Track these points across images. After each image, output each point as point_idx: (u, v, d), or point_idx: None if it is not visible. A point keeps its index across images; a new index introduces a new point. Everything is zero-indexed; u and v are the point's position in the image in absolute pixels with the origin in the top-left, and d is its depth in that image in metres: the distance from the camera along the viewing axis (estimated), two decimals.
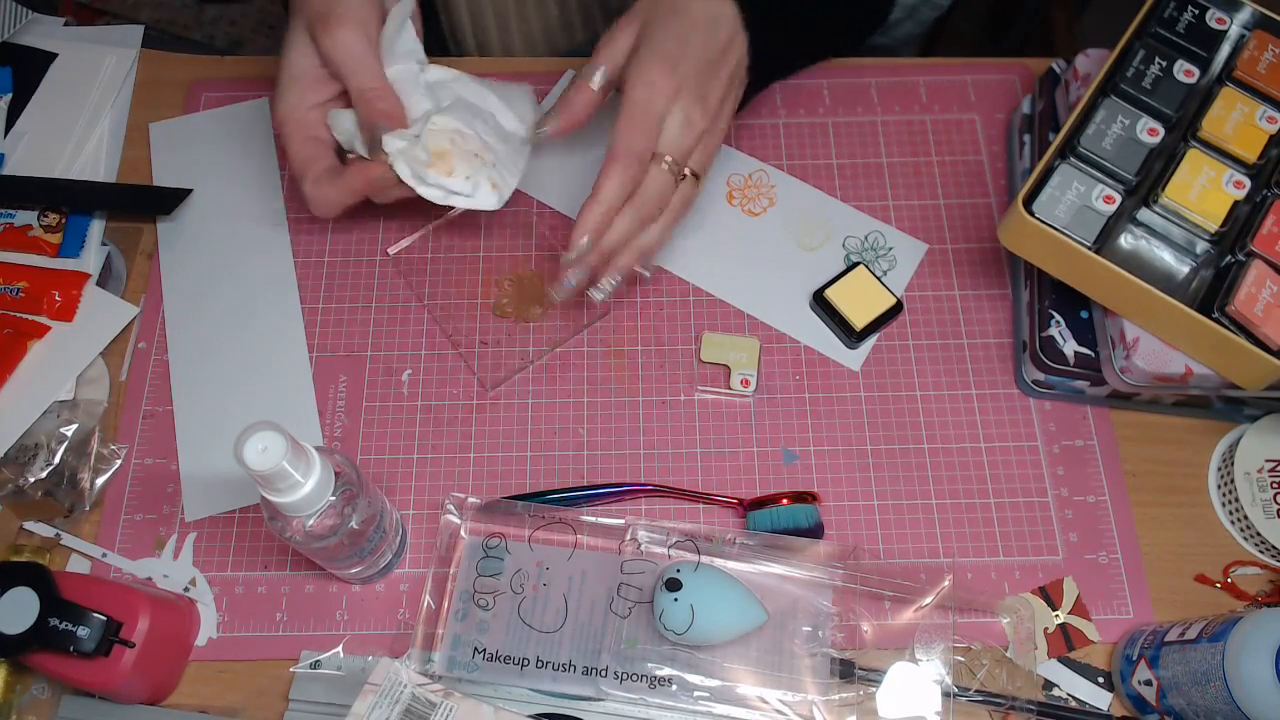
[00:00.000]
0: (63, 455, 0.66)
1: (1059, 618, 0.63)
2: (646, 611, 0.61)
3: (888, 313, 0.70)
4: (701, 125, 0.63)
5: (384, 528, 0.59)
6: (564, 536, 0.64)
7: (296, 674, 0.61)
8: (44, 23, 0.83)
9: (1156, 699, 0.57)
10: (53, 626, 0.55)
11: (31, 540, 0.65)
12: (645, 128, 0.61)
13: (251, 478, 0.49)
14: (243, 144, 0.78)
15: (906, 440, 0.68)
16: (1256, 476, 0.64)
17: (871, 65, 0.80)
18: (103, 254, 0.74)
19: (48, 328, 0.71)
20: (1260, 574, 0.65)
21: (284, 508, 0.52)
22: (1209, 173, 0.63)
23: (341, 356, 0.71)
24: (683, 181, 0.64)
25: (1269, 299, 0.58)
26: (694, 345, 0.70)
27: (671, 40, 0.62)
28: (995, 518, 0.66)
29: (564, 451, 0.68)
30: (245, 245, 0.74)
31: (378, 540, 0.59)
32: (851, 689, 0.60)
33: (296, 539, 0.54)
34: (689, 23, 0.63)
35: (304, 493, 0.51)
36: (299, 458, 0.50)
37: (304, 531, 0.53)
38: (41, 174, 0.76)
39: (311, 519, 0.53)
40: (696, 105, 0.63)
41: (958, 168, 0.77)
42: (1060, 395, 0.69)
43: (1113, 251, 0.61)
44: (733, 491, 0.66)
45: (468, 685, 0.60)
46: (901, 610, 0.62)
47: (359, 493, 0.55)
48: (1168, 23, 0.68)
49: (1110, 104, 0.65)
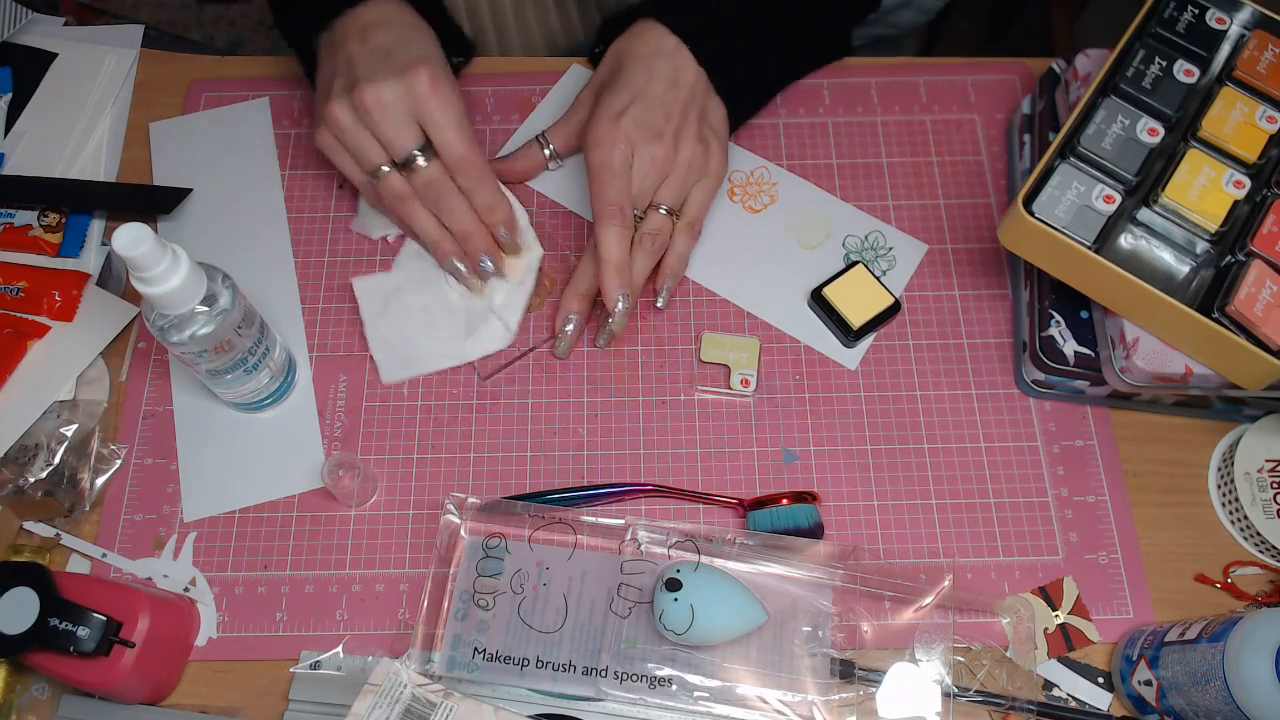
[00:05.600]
0: (63, 455, 0.66)
1: (1059, 618, 0.63)
2: (646, 611, 0.61)
3: (885, 312, 0.70)
4: (663, 157, 0.67)
5: (265, 344, 0.64)
6: (564, 536, 0.64)
7: (296, 674, 0.61)
8: (44, 23, 0.83)
9: (1156, 699, 0.57)
10: (53, 626, 0.55)
11: (31, 540, 0.65)
12: (611, 181, 0.65)
13: (126, 263, 0.55)
14: (243, 144, 0.78)
15: (907, 440, 0.68)
16: (1256, 476, 0.64)
17: (871, 65, 0.80)
18: (103, 254, 0.74)
19: (48, 328, 0.71)
20: (1260, 574, 0.65)
21: (154, 300, 0.56)
22: (1209, 173, 0.63)
23: (341, 356, 0.71)
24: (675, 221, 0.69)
25: (1269, 299, 0.58)
26: (694, 345, 0.70)
27: (614, 93, 0.67)
28: (995, 518, 0.66)
29: (564, 451, 0.68)
30: (245, 245, 0.74)
31: (259, 355, 0.63)
32: (851, 689, 0.60)
33: (184, 345, 0.59)
34: (630, 71, 0.68)
35: (172, 286, 0.56)
36: (164, 253, 0.55)
37: (191, 336, 0.58)
38: (41, 174, 0.76)
39: (201, 328, 0.58)
40: (652, 141, 0.66)
41: (958, 168, 0.77)
42: (1060, 395, 0.69)
43: (1113, 251, 0.61)
44: (733, 491, 0.66)
45: (468, 685, 0.60)
46: (901, 610, 0.62)
47: (229, 296, 0.59)
48: (1168, 23, 0.68)
49: (1110, 104, 0.65)
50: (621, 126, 0.65)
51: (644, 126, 0.66)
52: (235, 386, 0.64)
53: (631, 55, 0.68)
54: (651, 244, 0.67)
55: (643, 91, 0.67)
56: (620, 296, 0.65)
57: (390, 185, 0.66)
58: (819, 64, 0.79)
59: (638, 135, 0.66)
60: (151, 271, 0.55)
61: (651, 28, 0.69)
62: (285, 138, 0.78)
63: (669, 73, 0.68)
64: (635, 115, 0.66)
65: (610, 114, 0.66)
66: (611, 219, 0.65)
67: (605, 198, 0.65)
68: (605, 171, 0.65)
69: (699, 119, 0.69)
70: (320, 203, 0.76)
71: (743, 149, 0.77)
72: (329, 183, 0.76)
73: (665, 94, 0.67)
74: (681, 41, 0.68)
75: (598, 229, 0.65)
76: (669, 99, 0.67)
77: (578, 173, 0.76)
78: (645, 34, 0.69)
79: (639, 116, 0.66)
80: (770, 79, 0.77)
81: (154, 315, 0.58)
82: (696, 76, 0.68)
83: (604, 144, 0.65)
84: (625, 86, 0.67)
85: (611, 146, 0.65)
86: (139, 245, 0.53)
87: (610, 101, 0.67)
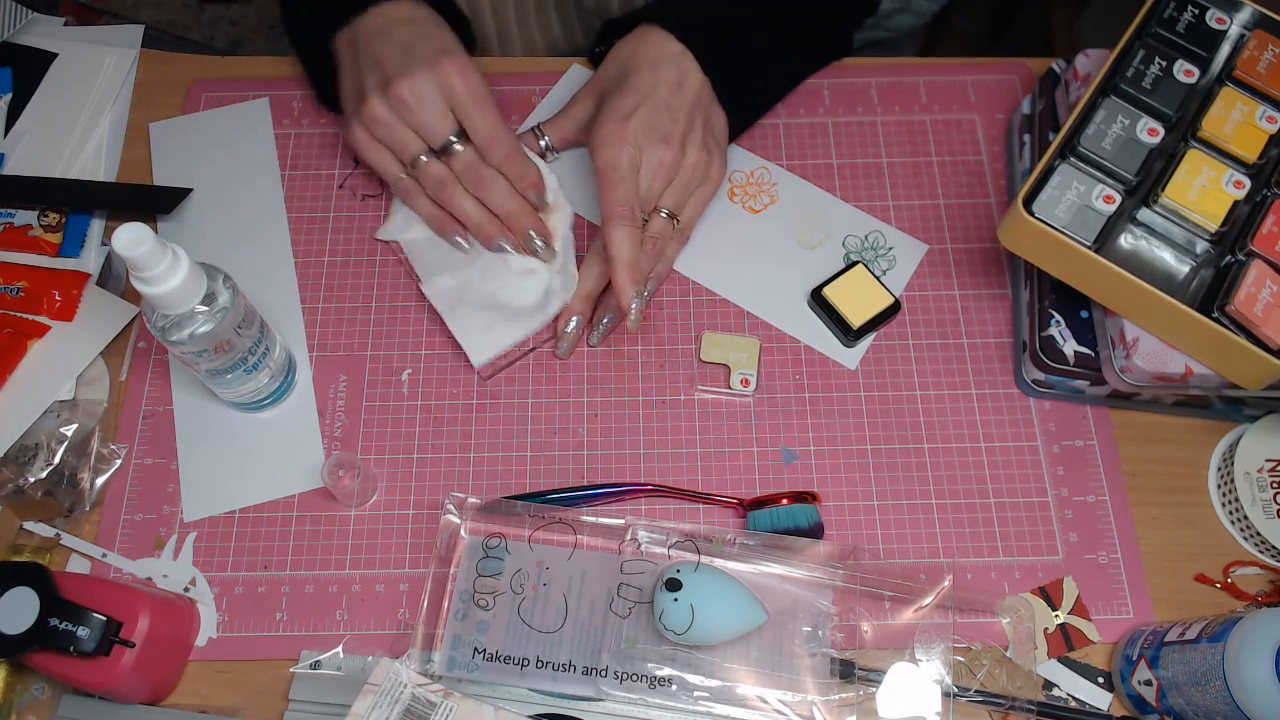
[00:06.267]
0: (63, 455, 0.66)
1: (1059, 618, 0.63)
2: (646, 611, 0.61)
3: (885, 312, 0.70)
4: (670, 161, 0.67)
5: (265, 344, 0.64)
6: (564, 536, 0.64)
7: (296, 674, 0.61)
8: (44, 23, 0.83)
9: (1156, 699, 0.57)
10: (53, 626, 0.55)
11: (31, 540, 0.65)
12: (620, 181, 0.65)
13: (126, 263, 0.55)
14: (243, 144, 0.78)
15: (907, 440, 0.68)
16: (1256, 476, 0.64)
17: (871, 65, 0.80)
18: (103, 254, 0.74)
19: (48, 328, 0.71)
20: (1260, 574, 0.65)
21: (154, 300, 0.56)
22: (1209, 173, 0.63)
23: (341, 356, 0.71)
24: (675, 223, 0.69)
25: (1269, 299, 0.58)
26: (694, 345, 0.70)
27: (621, 96, 0.67)
28: (995, 518, 0.66)
29: (564, 451, 0.68)
30: (245, 245, 0.74)
31: (259, 355, 0.63)
32: (851, 689, 0.60)
33: (184, 344, 0.59)
34: (636, 75, 0.68)
35: (172, 286, 0.56)
36: (164, 253, 0.55)
37: (191, 336, 0.58)
38: (41, 174, 0.76)
39: (201, 328, 0.58)
40: (659, 145, 0.66)
41: (958, 168, 0.77)
42: (1060, 395, 0.69)
43: (1113, 251, 0.61)
44: (733, 491, 0.66)
45: (468, 685, 0.60)
46: (901, 610, 0.62)
47: (228, 296, 0.59)
48: (1168, 23, 0.68)
49: (1110, 104, 0.65)
50: (629, 128, 0.65)
51: (651, 130, 0.66)
52: (235, 386, 0.64)
53: (637, 60, 0.69)
54: (653, 247, 0.67)
55: (650, 95, 0.67)
56: (635, 295, 0.65)
57: (432, 171, 0.68)
58: (819, 67, 0.79)
59: (645, 138, 0.66)
60: (151, 271, 0.55)
61: (655, 33, 0.69)
62: (285, 138, 0.78)
63: (675, 77, 0.68)
64: (642, 118, 0.66)
65: (618, 115, 0.66)
66: (622, 219, 0.65)
67: (615, 198, 0.65)
68: (614, 171, 0.65)
69: (704, 126, 0.69)
70: (320, 203, 0.76)
71: (743, 149, 0.77)
72: (329, 183, 0.76)
73: (671, 98, 0.67)
74: (686, 49, 0.68)
75: (608, 229, 0.65)
76: (675, 104, 0.67)
77: (577, 171, 0.76)
78: (649, 39, 0.69)
79: (646, 119, 0.66)
80: (771, 88, 0.77)
81: (154, 315, 0.58)
82: (701, 84, 0.69)
83: (611, 144, 0.65)
84: (632, 89, 0.67)
85: (620, 147, 0.65)
86: (139, 245, 0.53)
87: (617, 103, 0.67)
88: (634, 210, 0.65)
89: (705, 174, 0.69)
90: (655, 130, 0.66)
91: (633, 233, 0.65)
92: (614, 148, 0.65)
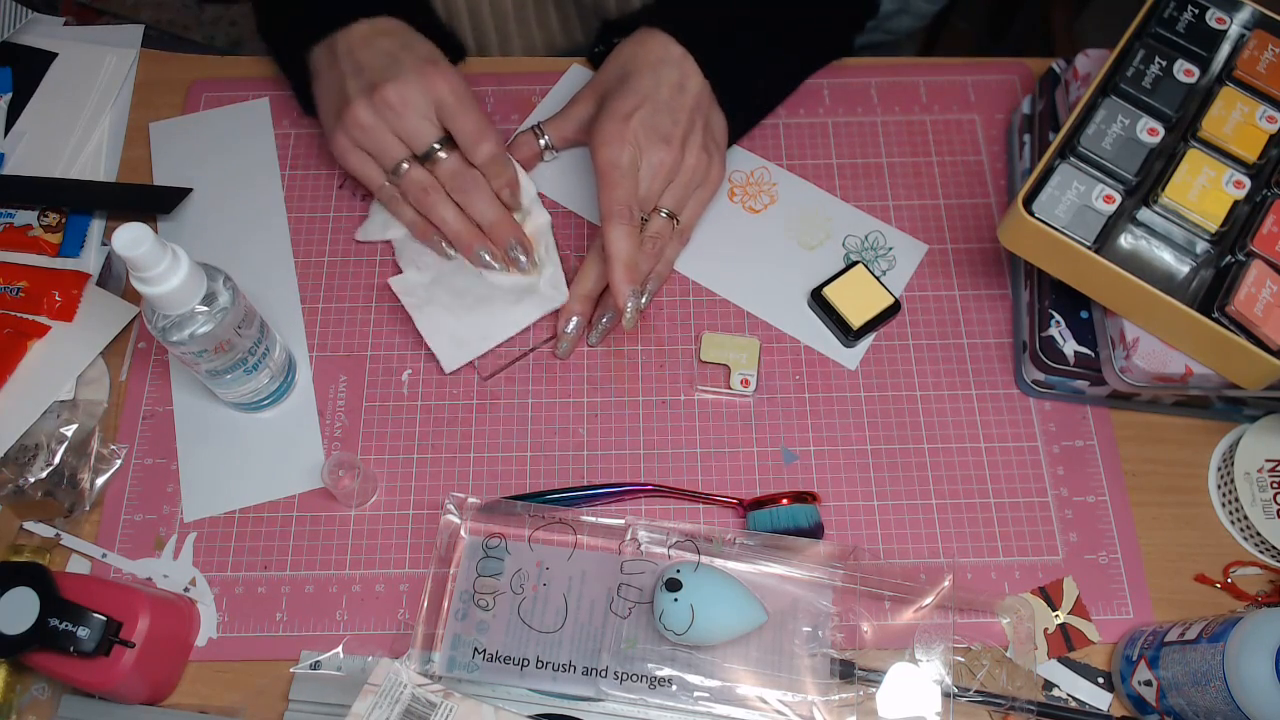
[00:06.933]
0: (63, 455, 0.66)
1: (1059, 618, 0.63)
2: (646, 611, 0.61)
3: (885, 312, 0.70)
4: (670, 162, 0.67)
5: (265, 344, 0.64)
6: (564, 536, 0.64)
7: (296, 674, 0.61)
8: (44, 23, 0.83)
9: (1156, 699, 0.57)
10: (53, 626, 0.55)
11: (31, 540, 0.65)
12: (620, 181, 0.65)
13: (126, 263, 0.55)
14: (243, 144, 0.78)
15: (907, 440, 0.68)
16: (1256, 476, 0.64)
17: (871, 65, 0.80)
18: (103, 254, 0.74)
19: (48, 328, 0.71)
20: (1260, 574, 0.65)
21: (154, 300, 0.56)
22: (1209, 173, 0.63)
23: (341, 356, 0.71)
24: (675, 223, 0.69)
25: (1269, 299, 0.58)
26: (694, 345, 0.70)
27: (622, 96, 0.67)
28: (995, 518, 0.66)
29: (564, 451, 0.68)
30: (245, 245, 0.74)
31: (259, 355, 0.63)
32: (851, 689, 0.60)
33: (184, 344, 0.58)
34: (637, 76, 0.68)
35: (172, 286, 0.56)
36: (164, 253, 0.55)
37: (191, 336, 0.58)
38: (41, 174, 0.76)
39: (201, 328, 0.58)
40: (660, 146, 0.66)
41: (958, 168, 0.77)
42: (1060, 395, 0.68)
43: (1113, 251, 0.61)
44: (733, 491, 0.66)
45: (468, 685, 0.60)
46: (901, 610, 0.62)
47: (228, 296, 0.59)
48: (1168, 22, 0.68)
49: (1110, 104, 0.65)
50: (630, 128, 0.66)
51: (652, 130, 0.66)
52: (235, 386, 0.64)
53: (638, 61, 0.69)
54: (653, 247, 0.67)
55: (651, 96, 0.67)
56: (631, 295, 0.65)
57: (414, 177, 0.68)
58: (819, 67, 0.79)
59: (645, 138, 0.66)
60: (151, 271, 0.55)
61: (656, 35, 0.69)
62: (285, 138, 0.78)
63: (676, 79, 0.68)
64: (643, 118, 0.66)
65: (619, 115, 0.66)
66: (621, 219, 0.65)
67: (614, 197, 0.65)
68: (614, 170, 0.65)
69: (704, 128, 0.69)
70: (320, 203, 0.76)
71: (742, 149, 0.77)
72: (329, 183, 0.76)
73: (672, 100, 0.67)
74: (688, 52, 0.68)
75: (607, 228, 0.65)
76: (676, 105, 0.67)
77: (576, 170, 0.76)
78: (650, 41, 0.69)
79: (647, 120, 0.66)
80: (771, 92, 0.77)
81: (154, 315, 0.58)
82: (702, 86, 0.69)
83: (612, 143, 0.66)
84: (633, 90, 0.67)
85: (620, 146, 0.65)
86: (139, 245, 0.53)
87: (618, 103, 0.67)
88: (633, 209, 0.65)
89: (705, 176, 0.70)
90: (656, 131, 0.66)
91: (631, 231, 0.65)
92: (614, 147, 0.65)
